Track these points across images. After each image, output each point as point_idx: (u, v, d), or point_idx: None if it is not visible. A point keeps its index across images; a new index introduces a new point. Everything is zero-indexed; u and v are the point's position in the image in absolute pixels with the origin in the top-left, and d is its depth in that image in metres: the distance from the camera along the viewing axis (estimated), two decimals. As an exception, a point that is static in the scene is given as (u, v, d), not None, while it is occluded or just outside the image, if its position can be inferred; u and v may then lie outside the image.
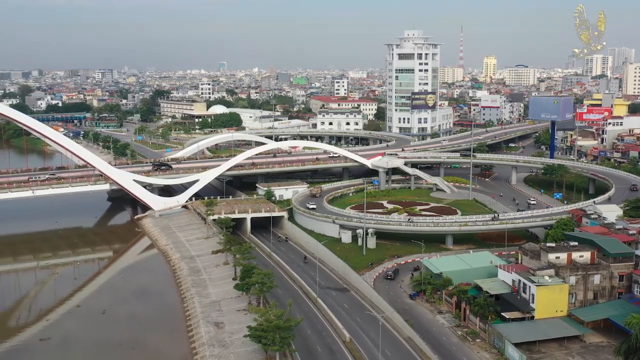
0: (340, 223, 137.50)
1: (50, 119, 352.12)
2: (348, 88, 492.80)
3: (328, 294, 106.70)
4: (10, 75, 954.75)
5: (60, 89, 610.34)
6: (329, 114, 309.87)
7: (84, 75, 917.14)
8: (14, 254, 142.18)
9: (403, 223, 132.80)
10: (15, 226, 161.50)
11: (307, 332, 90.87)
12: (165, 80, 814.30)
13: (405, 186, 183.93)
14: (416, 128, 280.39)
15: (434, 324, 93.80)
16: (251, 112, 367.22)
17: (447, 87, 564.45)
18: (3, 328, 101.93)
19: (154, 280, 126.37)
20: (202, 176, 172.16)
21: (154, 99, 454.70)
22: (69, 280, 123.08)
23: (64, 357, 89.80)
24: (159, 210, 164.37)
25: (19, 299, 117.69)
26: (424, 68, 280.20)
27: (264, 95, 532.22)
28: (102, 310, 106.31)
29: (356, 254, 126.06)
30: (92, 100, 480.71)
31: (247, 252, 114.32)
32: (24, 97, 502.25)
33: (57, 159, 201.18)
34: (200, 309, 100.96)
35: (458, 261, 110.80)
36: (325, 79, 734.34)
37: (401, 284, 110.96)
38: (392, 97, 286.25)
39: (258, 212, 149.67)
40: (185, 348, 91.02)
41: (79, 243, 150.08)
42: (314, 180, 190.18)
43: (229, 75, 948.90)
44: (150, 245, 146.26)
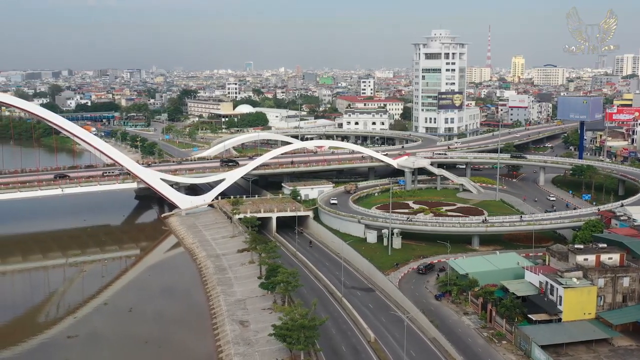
0: (365, 223, 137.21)
1: (80, 118, 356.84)
2: (374, 88, 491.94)
3: (353, 293, 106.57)
4: (41, 75, 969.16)
5: (89, 88, 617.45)
6: (355, 114, 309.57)
7: (113, 75, 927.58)
8: (43, 251, 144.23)
9: (429, 223, 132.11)
10: (45, 224, 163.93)
11: (332, 332, 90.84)
12: (192, 80, 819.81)
13: (432, 186, 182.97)
14: (443, 128, 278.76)
15: (459, 325, 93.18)
16: (277, 112, 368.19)
17: (475, 87, 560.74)
18: (32, 324, 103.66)
19: (180, 278, 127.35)
20: (228, 175, 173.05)
21: (181, 98, 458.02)
22: (96, 278, 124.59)
23: (91, 355, 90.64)
24: (186, 208, 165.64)
25: (48, 296, 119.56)
26: (451, 68, 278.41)
27: (290, 95, 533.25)
28: (129, 308, 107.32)
29: (381, 254, 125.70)
30: (121, 100, 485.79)
31: (272, 251, 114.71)
32: (54, 96, 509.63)
33: (86, 158, 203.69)
34: (225, 307, 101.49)
35: (484, 262, 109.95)
36: (352, 79, 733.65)
37: (427, 285, 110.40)
38: (419, 97, 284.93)
39: (284, 212, 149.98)
40: (211, 346, 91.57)
41: (107, 241, 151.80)
42: (339, 180, 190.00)
43: (255, 75, 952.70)
44: (177, 244, 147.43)
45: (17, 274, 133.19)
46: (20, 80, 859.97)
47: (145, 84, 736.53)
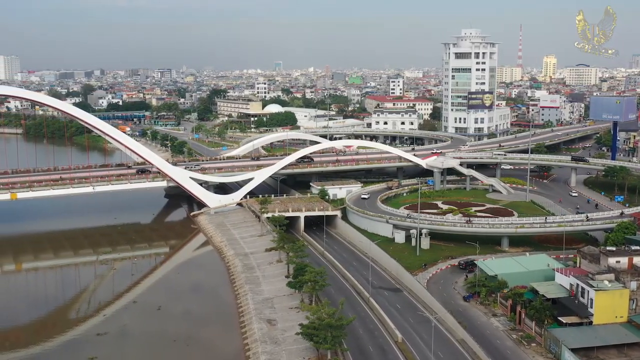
0: (393, 223, 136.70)
1: (111, 118, 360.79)
2: (403, 87, 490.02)
3: (380, 293, 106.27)
4: (74, 74, 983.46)
5: (121, 88, 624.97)
6: (384, 114, 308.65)
7: (144, 74, 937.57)
8: (74, 248, 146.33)
9: (457, 224, 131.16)
10: (77, 221, 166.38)
11: (359, 332, 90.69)
12: (222, 80, 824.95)
13: (461, 187, 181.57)
14: (472, 128, 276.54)
15: (488, 327, 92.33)
16: (306, 112, 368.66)
17: (505, 86, 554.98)
18: (63, 320, 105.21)
19: (209, 276, 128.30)
20: (256, 174, 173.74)
21: (211, 98, 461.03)
22: (126, 275, 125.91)
23: (120, 352, 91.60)
24: (214, 207, 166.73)
25: (78, 292, 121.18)
26: (481, 67, 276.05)
27: (319, 94, 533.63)
28: (158, 306, 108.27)
29: (409, 254, 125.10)
30: (151, 99, 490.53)
31: (300, 250, 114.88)
32: (86, 95, 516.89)
33: (117, 156, 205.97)
34: (253, 306, 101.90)
35: (514, 263, 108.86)
36: (381, 79, 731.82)
37: (455, 286, 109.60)
38: (448, 97, 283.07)
39: (312, 211, 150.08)
40: (238, 344, 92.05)
41: (137, 239, 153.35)
42: (367, 179, 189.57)
43: (284, 75, 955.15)
44: (206, 242, 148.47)
45: (49, 270, 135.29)
46: (53, 80, 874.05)
47: (175, 83, 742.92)
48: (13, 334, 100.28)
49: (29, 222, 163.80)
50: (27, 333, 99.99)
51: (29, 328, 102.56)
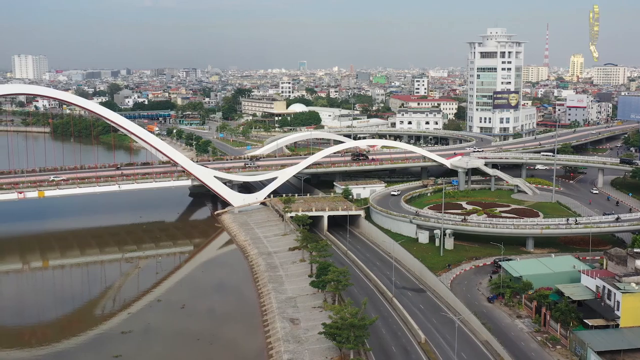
0: (417, 223, 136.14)
1: (137, 117, 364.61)
2: (428, 87, 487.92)
3: (404, 294, 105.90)
4: (101, 74, 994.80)
5: (147, 87, 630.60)
6: (408, 113, 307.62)
7: (169, 74, 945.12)
8: (100, 245, 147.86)
9: (482, 224, 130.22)
10: (103, 219, 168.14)
11: (382, 332, 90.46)
12: (246, 79, 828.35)
13: (485, 187, 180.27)
14: (498, 128, 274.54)
15: (512, 329, 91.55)
16: (330, 111, 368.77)
17: (531, 86, 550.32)
18: (89, 317, 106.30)
19: (232, 275, 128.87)
20: (280, 174, 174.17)
21: (236, 97, 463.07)
22: (151, 273, 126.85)
23: (144, 351, 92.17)
24: (238, 206, 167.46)
25: (104, 290, 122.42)
26: (507, 67, 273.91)
27: (343, 94, 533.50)
28: (182, 305, 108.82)
29: (433, 254, 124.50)
30: (177, 99, 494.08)
31: (323, 249, 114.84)
32: (112, 95, 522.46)
33: (143, 155, 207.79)
34: (276, 305, 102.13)
35: (539, 265, 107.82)
36: (405, 78, 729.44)
37: (479, 287, 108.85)
38: (473, 96, 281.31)
39: (335, 210, 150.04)
40: (261, 343, 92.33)
41: (162, 237, 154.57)
42: (391, 179, 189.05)
43: (309, 74, 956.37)
44: (229, 241, 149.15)
45: (75, 267, 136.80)
46: (80, 79, 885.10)
47: (200, 83, 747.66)
48: (40, 330, 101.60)
49: (56, 219, 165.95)
50: (53, 329, 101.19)
51: (55, 324, 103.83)
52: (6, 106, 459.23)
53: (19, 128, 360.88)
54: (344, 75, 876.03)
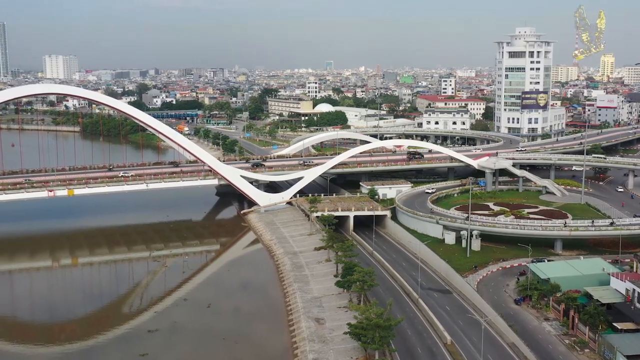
0: (444, 224, 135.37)
1: (165, 116, 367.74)
2: (455, 87, 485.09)
3: (430, 295, 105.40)
4: (129, 74, 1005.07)
5: (175, 87, 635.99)
6: (435, 113, 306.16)
7: (197, 74, 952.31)
8: (128, 243, 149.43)
9: (509, 226, 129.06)
10: (131, 217, 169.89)
11: (407, 333, 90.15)
12: (273, 79, 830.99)
13: (513, 188, 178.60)
14: (526, 128, 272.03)
15: (539, 331, 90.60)
16: (356, 111, 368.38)
17: (560, 86, 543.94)
18: (116, 315, 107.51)
19: (258, 274, 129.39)
20: (306, 173, 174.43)
21: (262, 97, 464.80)
22: (177, 272, 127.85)
23: (170, 350, 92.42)
24: (264, 206, 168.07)
25: (131, 287, 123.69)
26: (535, 66, 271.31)
27: (370, 94, 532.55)
28: (208, 304, 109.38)
29: (459, 255, 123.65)
30: (204, 98, 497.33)
31: (349, 249, 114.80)
32: (141, 94, 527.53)
33: (170, 155, 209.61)
34: (301, 304, 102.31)
35: (567, 267, 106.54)
36: (432, 78, 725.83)
37: (506, 288, 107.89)
38: (501, 97, 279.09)
39: (361, 210, 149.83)
40: (287, 342, 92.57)
41: (189, 236, 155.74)
42: (418, 179, 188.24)
43: (335, 74, 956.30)
44: (255, 240, 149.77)
45: (104, 265, 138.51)
46: (110, 79, 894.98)
47: (227, 82, 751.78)
48: (69, 326, 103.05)
49: (85, 217, 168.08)
50: (82, 326, 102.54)
51: (84, 321, 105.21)
52: (37, 105, 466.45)
53: (50, 127, 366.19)
54: (371, 75, 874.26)
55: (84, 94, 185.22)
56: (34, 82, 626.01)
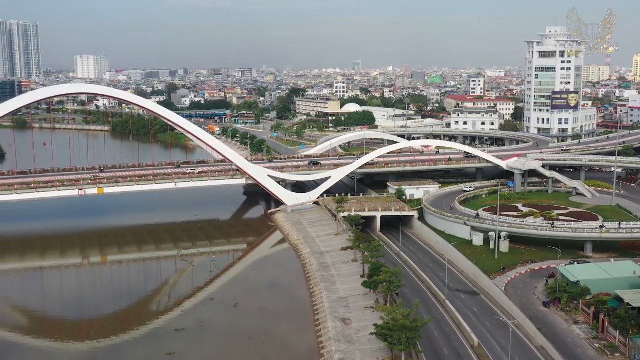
0: (472, 225, 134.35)
1: (193, 116, 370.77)
2: (484, 87, 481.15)
3: (457, 296, 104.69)
4: (159, 74, 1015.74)
5: (203, 87, 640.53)
6: (464, 114, 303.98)
7: (225, 74, 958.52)
8: (157, 242, 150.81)
9: (539, 227, 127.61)
10: (159, 216, 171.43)
11: (434, 334, 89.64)
12: (301, 79, 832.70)
13: (543, 189, 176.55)
14: (556, 129, 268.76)
15: (568, 335, 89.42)
16: (384, 111, 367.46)
17: (592, 86, 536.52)
18: (144, 313, 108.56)
19: (285, 274, 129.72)
20: (333, 173, 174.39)
21: (290, 97, 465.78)
22: (205, 271, 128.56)
23: (197, 349, 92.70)
24: (292, 205, 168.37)
25: (159, 286, 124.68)
26: (566, 66, 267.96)
27: (398, 94, 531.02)
28: (235, 304, 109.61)
29: (487, 257, 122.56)
30: (232, 98, 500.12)
31: (376, 250, 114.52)
32: (170, 94, 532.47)
33: (198, 154, 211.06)
34: (328, 304, 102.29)
35: (598, 270, 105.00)
36: (461, 78, 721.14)
37: (534, 291, 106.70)
38: (531, 97, 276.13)
39: (388, 211, 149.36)
40: (313, 342, 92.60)
41: (216, 235, 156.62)
42: (446, 180, 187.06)
43: (363, 74, 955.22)
44: (282, 240, 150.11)
45: (132, 263, 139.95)
46: (139, 79, 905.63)
47: (255, 82, 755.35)
48: (98, 323, 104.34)
49: (114, 216, 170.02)
50: (110, 323, 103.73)
51: (112, 318, 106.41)
52: (68, 105, 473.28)
53: (80, 126, 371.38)
54: (399, 75, 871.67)
55: (114, 94, 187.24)
56: (65, 82, 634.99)
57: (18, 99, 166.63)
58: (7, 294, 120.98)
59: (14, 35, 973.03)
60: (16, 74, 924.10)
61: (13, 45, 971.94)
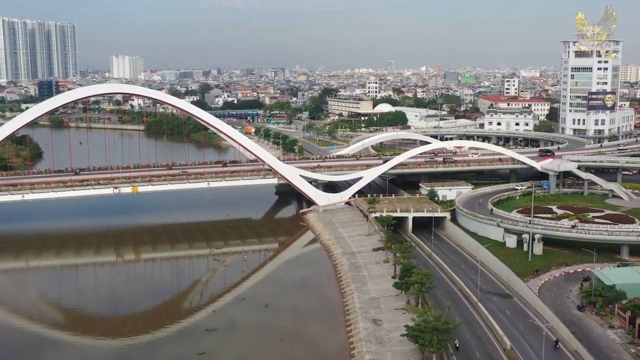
0: (505, 227, 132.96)
1: (226, 115, 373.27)
2: (519, 87, 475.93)
3: (489, 299, 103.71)
4: (192, 74, 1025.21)
5: (236, 87, 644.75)
6: (498, 114, 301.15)
7: (258, 74, 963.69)
8: (189, 240, 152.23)
9: (573, 230, 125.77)
10: (192, 215, 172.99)
11: (466, 337, 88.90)
12: (333, 79, 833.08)
13: (578, 191, 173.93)
14: (592, 130, 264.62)
15: (603, 339, 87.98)
16: (417, 111, 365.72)
17: (630, 86, 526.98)
18: (176, 311, 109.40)
19: (316, 274, 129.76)
20: (365, 174, 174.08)
21: (322, 97, 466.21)
22: (236, 270, 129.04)
23: (228, 350, 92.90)
24: (323, 205, 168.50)
25: (191, 284, 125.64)
26: (603, 66, 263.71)
27: (431, 94, 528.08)
28: (266, 304, 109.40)
29: (521, 259, 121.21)
30: (264, 98, 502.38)
31: (407, 251, 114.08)
32: (203, 94, 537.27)
33: (231, 154, 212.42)
34: (359, 305, 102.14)
35: (634, 273, 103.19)
36: (495, 78, 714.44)
37: (569, 294, 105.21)
38: (567, 97, 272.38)
39: (420, 212, 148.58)
40: (343, 342, 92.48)
41: (248, 234, 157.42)
42: (479, 181, 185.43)
43: (396, 74, 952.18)
44: (314, 240, 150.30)
45: (165, 261, 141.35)
46: (173, 79, 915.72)
47: (288, 82, 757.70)
48: (132, 320, 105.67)
49: (148, 214, 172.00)
50: (144, 320, 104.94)
51: (145, 316, 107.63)
52: (104, 104, 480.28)
53: (116, 126, 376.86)
54: (432, 75, 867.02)
55: (148, 94, 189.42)
56: (101, 82, 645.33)
57: (55, 99, 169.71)
58: (44, 291, 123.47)
59: (51, 36, 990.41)
60: (54, 74, 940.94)
61: (51, 46, 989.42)
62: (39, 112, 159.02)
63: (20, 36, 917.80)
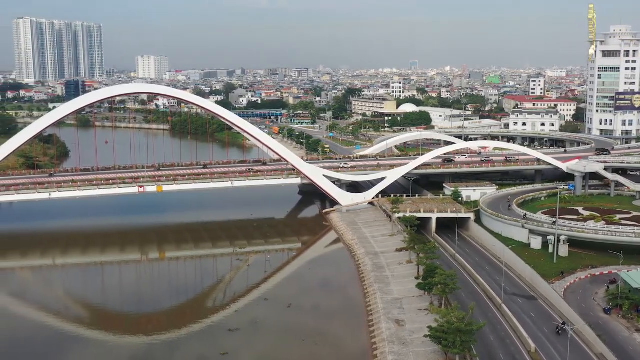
0: (530, 228, 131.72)
1: (250, 115, 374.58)
2: (544, 87, 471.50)
3: (514, 300, 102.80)
4: (217, 74, 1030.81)
5: (260, 86, 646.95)
6: (523, 114, 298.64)
7: (282, 74, 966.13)
8: (213, 240, 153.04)
9: (600, 231, 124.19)
10: (216, 214, 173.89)
11: (490, 338, 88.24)
12: (357, 79, 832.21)
13: (604, 192, 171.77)
14: (619, 131, 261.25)
15: (630, 343, 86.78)
16: (441, 111, 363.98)
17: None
18: (200, 310, 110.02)
19: (339, 274, 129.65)
20: (389, 174, 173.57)
21: (346, 97, 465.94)
22: (259, 269, 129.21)
23: (250, 350, 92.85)
24: (346, 205, 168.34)
25: (215, 283, 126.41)
26: (631, 66, 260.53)
27: (455, 94, 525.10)
28: (288, 304, 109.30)
29: (546, 261, 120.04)
30: (288, 98, 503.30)
31: (431, 251, 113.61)
32: (227, 94, 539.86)
33: (255, 153, 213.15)
34: (382, 305, 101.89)
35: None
36: (520, 78, 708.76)
37: (595, 297, 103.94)
38: (594, 97, 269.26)
39: (444, 212, 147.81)
40: (366, 343, 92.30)
41: (271, 234, 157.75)
42: (503, 182, 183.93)
43: (420, 74, 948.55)
44: (337, 240, 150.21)
45: (189, 260, 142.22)
46: (198, 79, 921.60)
47: (312, 82, 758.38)
48: (156, 318, 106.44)
49: (172, 213, 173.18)
50: (167, 319, 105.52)
51: (169, 314, 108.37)
52: (129, 104, 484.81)
53: (141, 125, 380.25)
54: (456, 75, 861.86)
55: (173, 94, 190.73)
56: (127, 82, 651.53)
57: (82, 98, 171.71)
58: (69, 288, 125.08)
59: (78, 36, 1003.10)
60: (80, 74, 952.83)
61: (78, 46, 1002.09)
62: (66, 111, 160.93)
63: (47, 37, 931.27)
